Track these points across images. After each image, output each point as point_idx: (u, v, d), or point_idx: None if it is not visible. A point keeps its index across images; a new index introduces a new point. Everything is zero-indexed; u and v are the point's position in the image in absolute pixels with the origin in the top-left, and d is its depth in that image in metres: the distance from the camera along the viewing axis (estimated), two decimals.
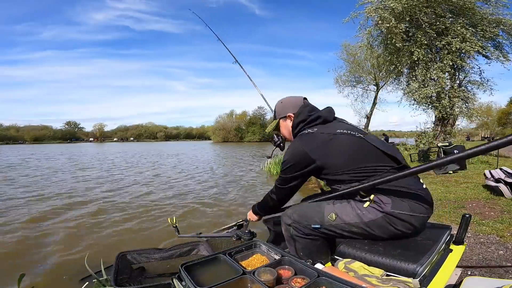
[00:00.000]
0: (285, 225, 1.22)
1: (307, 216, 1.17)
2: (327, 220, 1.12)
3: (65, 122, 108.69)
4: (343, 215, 1.11)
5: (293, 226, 1.18)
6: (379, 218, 1.05)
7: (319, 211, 1.16)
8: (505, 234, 2.39)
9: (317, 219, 1.14)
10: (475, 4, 8.25)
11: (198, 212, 4.14)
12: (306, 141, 1.18)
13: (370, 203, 1.08)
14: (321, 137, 1.16)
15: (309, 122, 1.26)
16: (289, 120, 1.35)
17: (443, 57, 8.47)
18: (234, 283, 0.72)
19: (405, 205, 1.04)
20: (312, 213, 1.17)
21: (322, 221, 1.13)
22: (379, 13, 8.45)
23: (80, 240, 3.03)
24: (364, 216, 1.07)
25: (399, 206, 1.04)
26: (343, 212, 1.11)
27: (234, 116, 72.75)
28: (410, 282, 0.84)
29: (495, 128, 47.55)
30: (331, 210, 1.14)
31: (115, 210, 4.25)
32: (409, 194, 1.07)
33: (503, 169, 4.04)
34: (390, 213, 1.03)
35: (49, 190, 6.03)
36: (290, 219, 1.20)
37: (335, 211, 1.13)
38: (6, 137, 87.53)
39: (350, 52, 20.39)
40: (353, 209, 1.10)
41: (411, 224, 1.05)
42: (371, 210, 1.07)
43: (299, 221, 1.17)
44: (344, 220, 1.10)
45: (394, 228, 1.05)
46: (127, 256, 1.47)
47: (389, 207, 1.04)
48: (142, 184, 6.76)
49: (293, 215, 1.20)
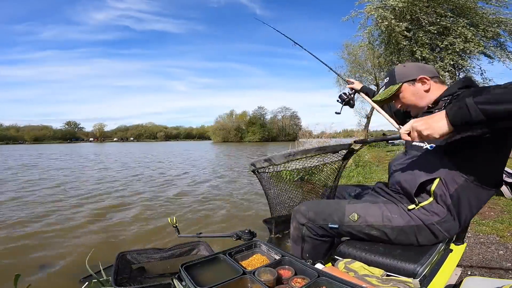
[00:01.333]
0: (298, 224, 1.10)
1: (324, 214, 1.07)
2: (348, 220, 1.03)
3: (65, 122, 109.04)
4: (367, 216, 1.02)
5: (307, 226, 1.07)
6: (411, 227, 0.96)
7: (339, 209, 1.06)
8: (505, 234, 2.39)
9: (336, 218, 1.05)
10: (476, 4, 8.25)
11: (198, 212, 4.14)
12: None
13: (417, 208, 0.97)
14: None
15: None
16: (421, 84, 1.08)
17: (444, 56, 8.47)
18: (234, 283, 0.72)
19: (450, 224, 0.94)
20: (331, 210, 1.07)
21: (342, 220, 1.04)
22: (379, 12, 8.44)
23: (79, 240, 3.03)
24: (394, 220, 0.98)
25: (446, 224, 0.93)
26: (367, 213, 1.03)
27: (234, 116, 72.84)
28: (410, 282, 0.84)
29: None
30: (352, 209, 1.05)
31: (115, 210, 4.25)
32: (469, 214, 0.95)
33: None
34: (429, 225, 0.93)
35: (48, 190, 6.04)
36: (305, 217, 1.08)
37: (357, 211, 1.04)
38: (6, 137, 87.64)
39: (351, 52, 20.41)
40: (381, 210, 1.02)
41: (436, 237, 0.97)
42: (408, 216, 0.97)
43: (314, 219, 1.07)
44: (368, 222, 1.01)
45: (416, 239, 0.97)
46: (127, 256, 1.47)
47: (435, 220, 0.93)
48: (142, 184, 6.76)
49: (308, 212, 1.08)
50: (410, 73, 1.09)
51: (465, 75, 1.14)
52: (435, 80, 1.08)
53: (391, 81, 1.13)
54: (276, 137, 70.66)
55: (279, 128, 74.70)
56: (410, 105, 1.11)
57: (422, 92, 1.08)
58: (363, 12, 9.05)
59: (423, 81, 1.07)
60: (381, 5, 8.51)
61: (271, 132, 71.83)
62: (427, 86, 1.07)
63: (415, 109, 1.12)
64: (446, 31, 8.38)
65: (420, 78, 1.07)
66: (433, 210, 0.96)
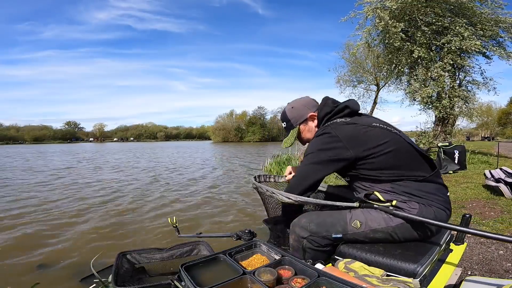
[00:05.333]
0: (298, 237, 1.08)
1: (327, 225, 1.06)
2: (351, 228, 1.03)
3: (65, 122, 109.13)
4: (368, 221, 1.03)
5: (308, 239, 1.06)
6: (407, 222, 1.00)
7: (341, 218, 1.06)
8: (505, 234, 2.39)
9: (339, 228, 1.04)
10: (474, 4, 8.25)
11: (199, 212, 4.14)
12: (339, 128, 1.04)
13: (393, 209, 1.01)
14: (355, 128, 1.04)
15: (337, 113, 1.13)
16: (311, 121, 1.23)
17: (443, 56, 8.47)
18: (234, 283, 0.72)
19: (431, 211, 1.00)
20: (333, 221, 1.06)
21: (345, 229, 1.04)
22: (377, 12, 8.45)
23: (79, 240, 3.03)
24: (392, 220, 1.01)
25: (425, 212, 0.99)
26: (368, 218, 1.03)
27: (234, 116, 72.86)
28: (410, 282, 0.84)
29: (495, 128, 47.58)
30: (354, 217, 1.05)
31: (114, 210, 4.25)
32: (437, 200, 1.03)
33: (503, 169, 4.04)
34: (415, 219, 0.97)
35: (48, 192, 6.03)
36: (306, 231, 1.07)
37: (358, 218, 1.04)
38: (6, 137, 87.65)
39: (352, 51, 20.39)
40: (379, 213, 1.03)
41: (430, 230, 1.02)
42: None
43: (317, 231, 1.05)
44: (371, 227, 1.02)
45: (417, 233, 1.01)
46: (127, 256, 1.46)
47: (415, 212, 0.98)
48: (142, 183, 6.76)
49: (310, 225, 1.07)
50: (301, 115, 1.23)
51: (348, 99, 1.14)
52: (316, 111, 1.22)
53: (289, 125, 1.27)
54: (276, 137, 70.63)
55: (279, 128, 74.57)
56: (308, 140, 1.25)
57: (313, 128, 1.24)
58: (362, 13, 9.07)
59: (313, 118, 1.23)
60: (379, 6, 8.52)
61: (271, 132, 71.79)
62: (315, 121, 1.23)
63: (309, 141, 1.22)
64: (445, 30, 8.38)
65: (310, 116, 1.22)
66: (407, 206, 1.01)
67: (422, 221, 0.94)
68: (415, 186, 1.02)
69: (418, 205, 1.00)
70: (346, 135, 1.02)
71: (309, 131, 1.24)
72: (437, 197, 1.04)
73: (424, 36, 8.42)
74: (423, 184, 1.03)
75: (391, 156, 1.01)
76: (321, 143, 1.05)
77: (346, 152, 1.01)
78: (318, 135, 1.09)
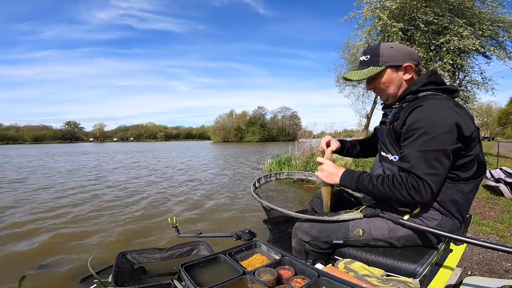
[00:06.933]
0: (300, 241, 1.08)
1: (328, 231, 1.04)
2: (353, 236, 1.02)
3: (65, 122, 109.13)
4: (372, 230, 1.00)
5: (310, 243, 1.06)
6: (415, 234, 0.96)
7: (343, 225, 1.04)
8: (505, 234, 2.39)
9: (340, 235, 1.03)
10: (473, 4, 8.26)
11: (199, 212, 4.14)
12: (451, 108, 0.88)
13: (411, 216, 0.96)
14: (460, 112, 0.89)
15: (445, 90, 0.96)
16: (403, 73, 1.00)
17: (442, 56, 8.47)
18: (234, 283, 0.72)
19: (449, 224, 0.94)
20: (334, 227, 1.04)
21: (347, 236, 1.03)
22: (376, 12, 8.46)
23: (79, 241, 3.03)
24: (399, 230, 0.97)
25: (445, 225, 0.93)
26: (372, 227, 1.01)
27: (234, 116, 72.87)
28: (410, 282, 0.84)
29: (495, 128, 47.57)
30: (357, 225, 1.02)
31: (114, 210, 4.25)
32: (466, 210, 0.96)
33: (503, 169, 4.04)
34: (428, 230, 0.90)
35: (47, 194, 6.03)
36: (307, 235, 1.06)
37: (361, 226, 1.02)
38: (6, 137, 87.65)
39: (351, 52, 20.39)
40: (384, 222, 0.99)
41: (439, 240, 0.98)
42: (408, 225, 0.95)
43: (318, 237, 1.05)
44: (373, 236, 1.00)
45: (421, 241, 0.97)
46: (127, 256, 1.46)
47: (434, 224, 0.93)
48: (142, 183, 6.76)
49: (311, 230, 1.06)
50: (397, 58, 0.99)
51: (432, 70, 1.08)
52: (417, 68, 1.02)
53: (374, 61, 1.01)
54: (276, 137, 70.69)
55: (279, 128, 74.67)
56: (384, 91, 1.04)
57: (402, 82, 1.01)
58: (361, 13, 9.08)
59: (408, 70, 1.00)
60: (379, 6, 8.54)
61: (271, 132, 71.84)
62: (409, 75, 1.00)
63: (386, 96, 1.05)
64: (444, 30, 8.39)
65: (405, 66, 0.99)
66: (428, 216, 0.95)
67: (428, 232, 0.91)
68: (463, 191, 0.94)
69: (441, 216, 0.94)
70: (459, 118, 0.89)
71: (394, 83, 1.01)
72: (468, 206, 0.98)
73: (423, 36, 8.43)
74: (469, 189, 0.95)
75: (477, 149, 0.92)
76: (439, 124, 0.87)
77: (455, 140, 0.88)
78: (424, 109, 0.90)
